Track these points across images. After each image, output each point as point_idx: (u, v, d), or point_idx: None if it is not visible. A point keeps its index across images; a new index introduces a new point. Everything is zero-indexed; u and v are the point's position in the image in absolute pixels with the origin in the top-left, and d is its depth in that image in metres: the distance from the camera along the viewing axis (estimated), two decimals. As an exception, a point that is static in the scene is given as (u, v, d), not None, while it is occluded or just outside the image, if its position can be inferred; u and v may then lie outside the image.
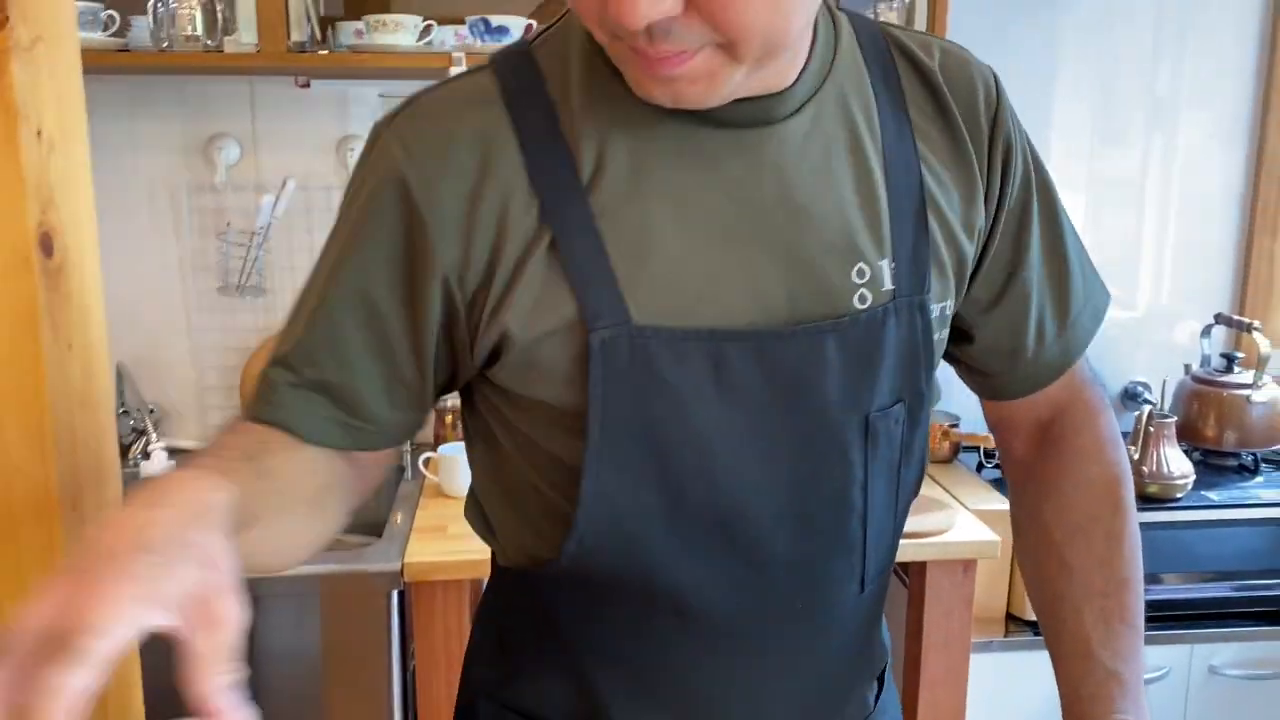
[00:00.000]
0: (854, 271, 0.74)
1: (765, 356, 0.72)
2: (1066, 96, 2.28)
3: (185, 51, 1.81)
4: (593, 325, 0.70)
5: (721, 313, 0.71)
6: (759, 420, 0.73)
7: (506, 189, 0.70)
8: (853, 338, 0.74)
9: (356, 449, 0.76)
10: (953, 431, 2.12)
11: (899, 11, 1.95)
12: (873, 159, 0.75)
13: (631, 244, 0.70)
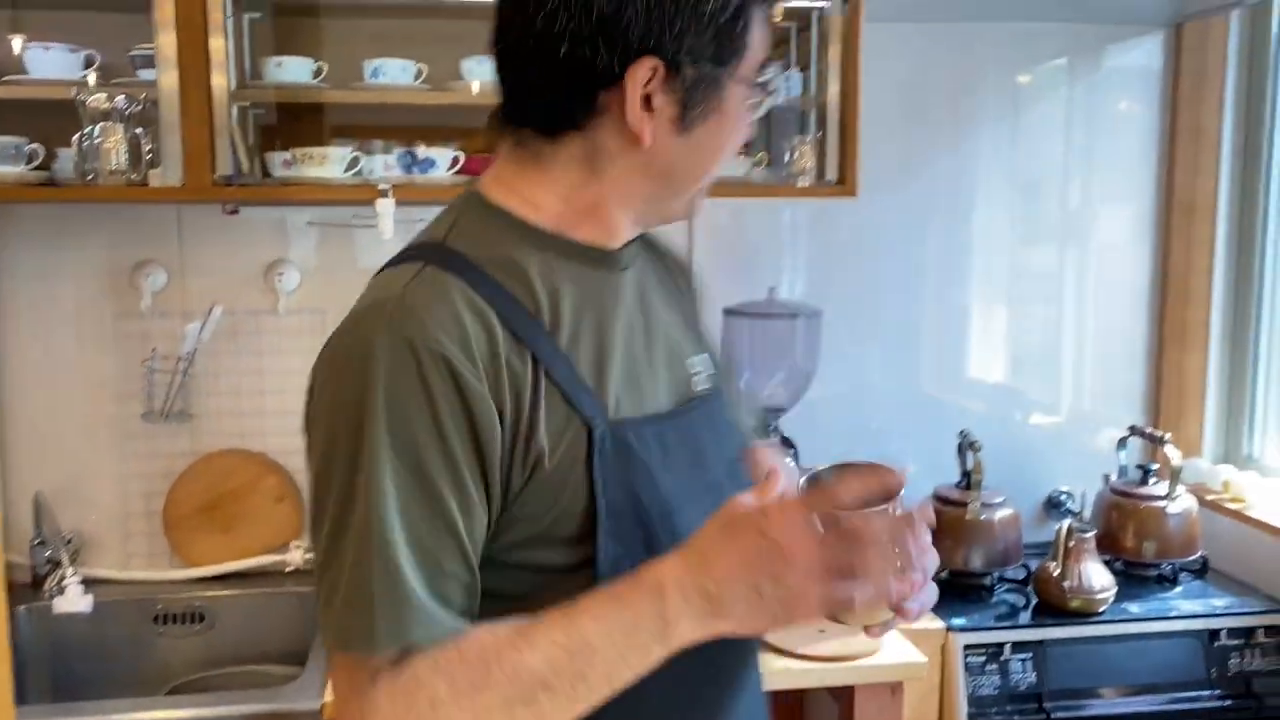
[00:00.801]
0: (691, 364, 1.01)
1: (681, 430, 0.95)
2: (983, 221, 2.37)
3: (110, 185, 1.81)
4: (592, 425, 0.87)
5: (654, 403, 0.94)
6: (692, 478, 0.94)
7: (505, 345, 0.84)
8: (711, 410, 1.01)
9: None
10: (881, 547, 2.13)
11: (812, 145, 2.02)
12: (663, 288, 1.03)
13: (592, 363, 0.90)
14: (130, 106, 1.83)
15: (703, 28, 0.84)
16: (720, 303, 2.11)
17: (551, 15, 0.83)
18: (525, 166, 0.91)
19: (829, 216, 2.30)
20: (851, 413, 2.36)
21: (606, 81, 0.85)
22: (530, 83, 0.87)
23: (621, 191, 0.90)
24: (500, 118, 0.92)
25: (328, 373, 0.83)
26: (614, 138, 0.87)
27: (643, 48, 0.83)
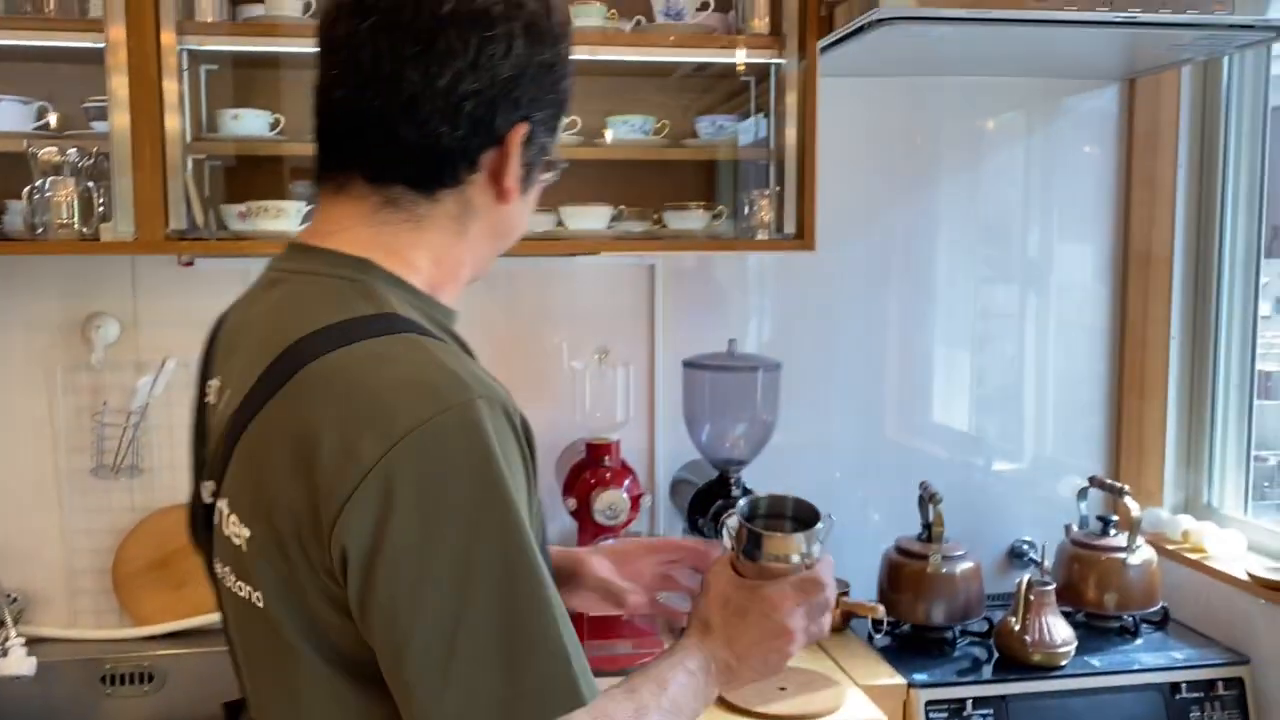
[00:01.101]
0: None
1: None
2: (945, 269, 2.39)
3: (60, 239, 1.78)
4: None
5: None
6: None
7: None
8: None
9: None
10: (843, 599, 2.11)
11: (771, 198, 2.03)
12: None
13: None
14: (82, 159, 1.81)
15: (554, 103, 0.95)
16: (681, 354, 2.11)
17: (458, 76, 0.88)
18: (399, 226, 0.92)
19: (791, 267, 2.31)
20: (815, 463, 2.36)
21: (493, 141, 0.91)
22: (428, 140, 0.89)
23: (474, 252, 0.96)
24: (361, 171, 0.92)
25: (459, 447, 0.79)
26: (482, 195, 0.93)
27: (523, 112, 0.92)
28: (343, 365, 0.83)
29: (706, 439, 2.06)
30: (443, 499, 0.78)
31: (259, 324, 0.93)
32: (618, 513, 1.96)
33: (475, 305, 2.19)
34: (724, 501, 1.99)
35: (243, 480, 0.87)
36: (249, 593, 0.87)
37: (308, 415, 0.82)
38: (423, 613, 0.77)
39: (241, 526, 0.86)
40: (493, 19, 0.89)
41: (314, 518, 0.80)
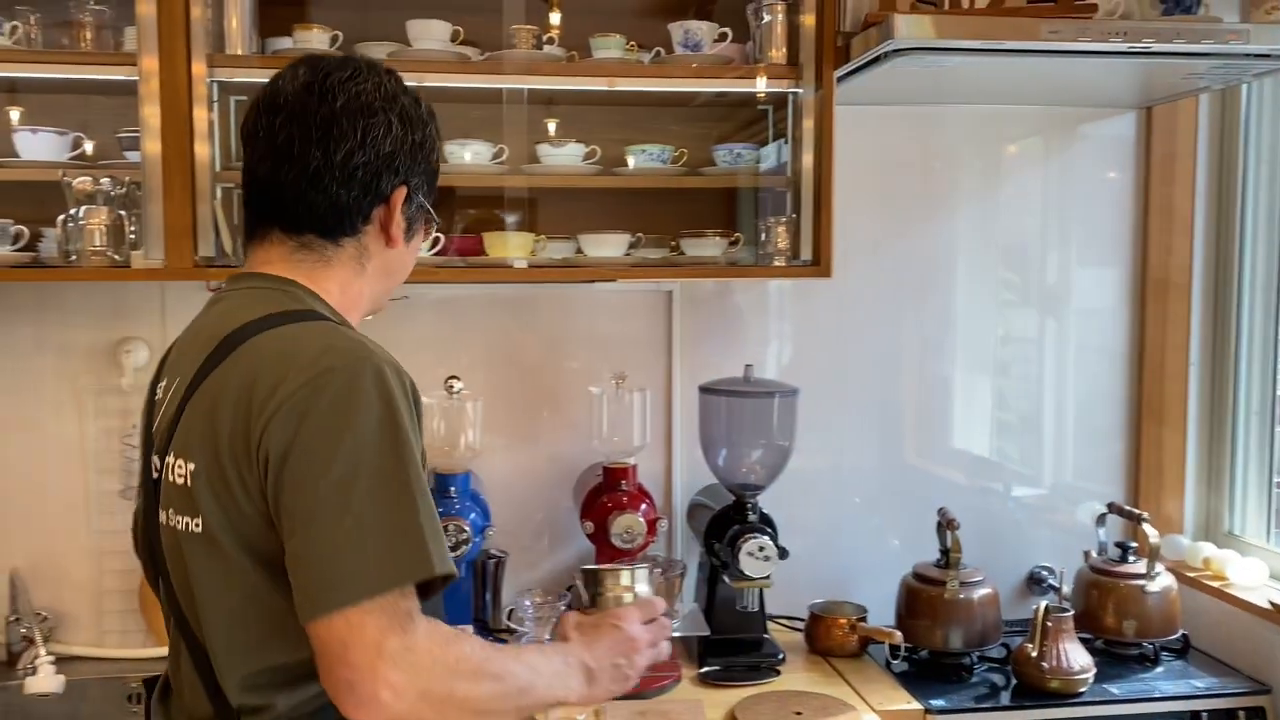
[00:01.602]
0: None
1: None
2: (963, 295, 2.40)
3: (91, 266, 1.83)
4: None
5: None
6: None
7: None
8: None
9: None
10: (860, 625, 2.12)
11: (788, 225, 2.05)
12: None
13: None
14: (115, 188, 1.86)
15: (427, 171, 1.25)
16: (699, 380, 2.13)
17: (351, 152, 1.16)
18: (313, 264, 1.19)
19: (808, 293, 2.33)
20: (832, 488, 2.37)
21: (380, 200, 1.20)
22: (330, 201, 1.16)
23: (371, 286, 1.24)
24: (281, 225, 1.19)
25: (347, 379, 1.04)
26: (374, 241, 1.22)
27: (402, 178, 1.20)
28: (274, 335, 1.10)
29: (723, 464, 2.07)
30: (348, 411, 1.03)
31: (205, 329, 1.18)
32: (634, 536, 1.98)
33: (494, 331, 2.25)
34: (740, 526, 2.00)
35: (189, 430, 1.10)
36: (187, 523, 1.09)
37: (245, 370, 1.08)
38: (324, 486, 1.01)
39: (187, 464, 1.09)
40: (374, 109, 1.17)
41: (245, 440, 1.04)
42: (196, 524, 1.09)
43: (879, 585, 2.23)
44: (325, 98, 1.15)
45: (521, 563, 2.28)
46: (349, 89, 1.16)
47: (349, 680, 0.98)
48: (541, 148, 2.08)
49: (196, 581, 1.10)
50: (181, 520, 1.11)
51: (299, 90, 1.16)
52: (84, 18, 1.91)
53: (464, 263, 2.02)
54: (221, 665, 1.10)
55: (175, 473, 1.11)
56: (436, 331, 2.23)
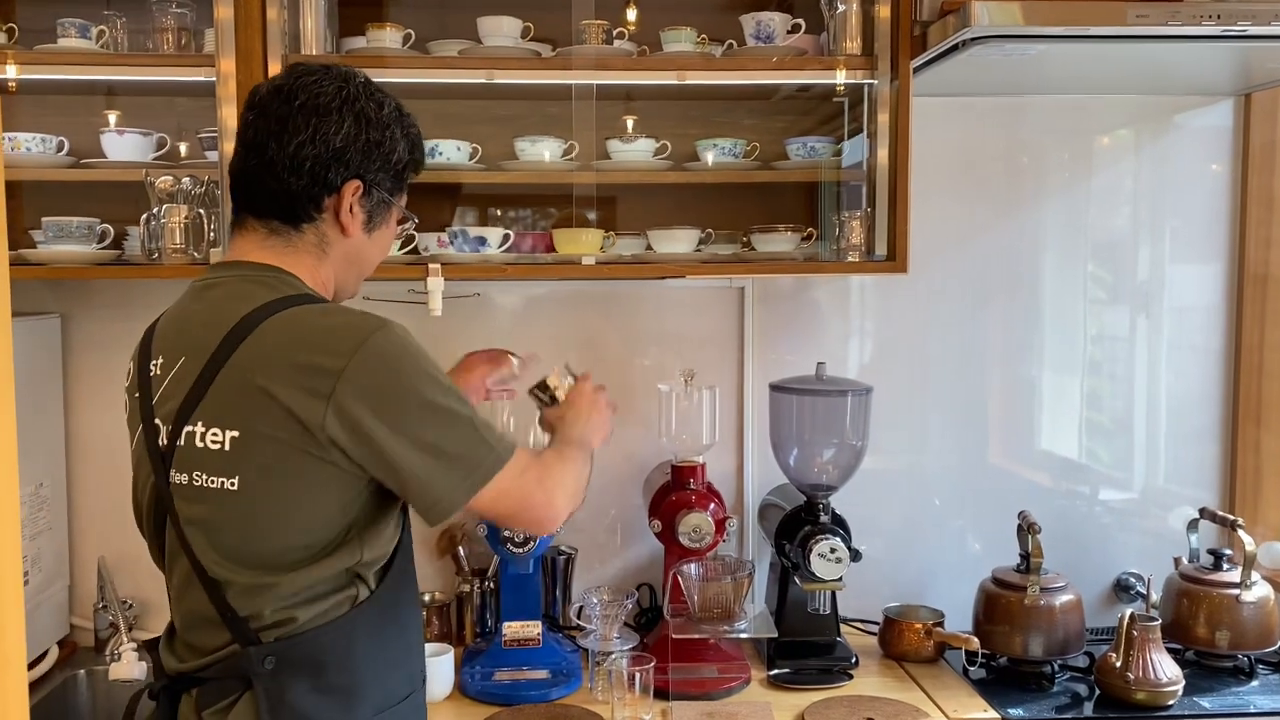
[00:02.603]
0: None
1: None
2: (1051, 292, 2.33)
3: (172, 263, 1.89)
4: None
5: None
6: None
7: None
8: None
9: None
10: (936, 630, 2.08)
11: (862, 219, 2.02)
12: None
13: None
14: (195, 187, 1.92)
15: (387, 169, 1.36)
16: (772, 377, 2.11)
17: (302, 145, 1.29)
18: (282, 250, 1.33)
19: (886, 289, 2.30)
20: (910, 489, 2.33)
21: (330, 191, 1.32)
22: (283, 188, 1.30)
23: (338, 273, 1.37)
24: (250, 212, 1.34)
25: (389, 349, 1.23)
26: (332, 229, 1.34)
27: (354, 173, 1.32)
28: (291, 317, 1.25)
29: (794, 463, 2.05)
30: (390, 383, 1.23)
31: (207, 312, 1.30)
32: (702, 536, 1.97)
33: (565, 328, 2.26)
34: (812, 527, 1.98)
35: (222, 404, 1.24)
36: (222, 482, 1.24)
37: (278, 354, 1.22)
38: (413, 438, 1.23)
39: (225, 431, 1.24)
40: (328, 109, 1.30)
41: (305, 412, 1.20)
42: (232, 483, 1.24)
43: (957, 590, 2.19)
44: (288, 98, 1.31)
45: (593, 559, 2.29)
46: (310, 90, 1.31)
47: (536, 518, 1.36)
48: (612, 143, 2.09)
49: (221, 529, 1.25)
50: (215, 481, 1.25)
51: (270, 92, 1.33)
52: (167, 22, 1.97)
53: (533, 259, 2.04)
54: (242, 597, 1.25)
55: (207, 440, 1.25)
56: (506, 329, 2.26)
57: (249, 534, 1.24)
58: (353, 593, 1.28)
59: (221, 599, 1.26)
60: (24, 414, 1.99)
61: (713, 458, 2.13)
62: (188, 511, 1.28)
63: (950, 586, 2.26)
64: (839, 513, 2.04)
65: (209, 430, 1.25)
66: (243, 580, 1.25)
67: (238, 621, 1.25)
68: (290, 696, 1.25)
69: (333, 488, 1.25)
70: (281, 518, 1.24)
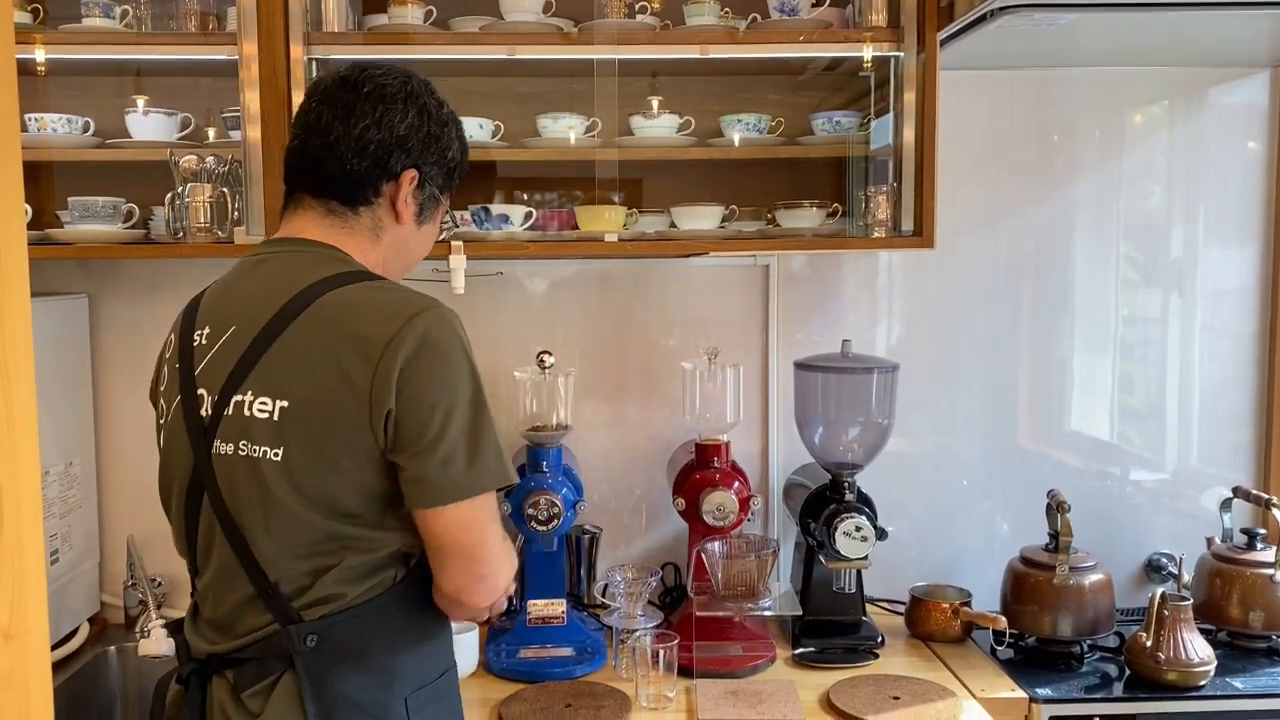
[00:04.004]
0: None
1: None
2: (1082, 270, 2.31)
3: (197, 243, 1.91)
4: None
5: None
6: None
7: None
8: None
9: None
10: (963, 610, 2.07)
11: (889, 195, 2.01)
12: None
13: None
14: (219, 166, 1.93)
15: (442, 164, 1.41)
16: (796, 356, 2.11)
17: (367, 129, 1.33)
18: (339, 230, 1.36)
19: (914, 266, 2.28)
20: (938, 469, 2.32)
21: (390, 177, 1.36)
22: (345, 169, 1.34)
23: (386, 258, 1.40)
24: (308, 191, 1.37)
25: (441, 327, 1.26)
26: (387, 215, 1.38)
27: (413, 162, 1.37)
28: (351, 294, 1.28)
29: (819, 442, 2.04)
30: (438, 357, 1.25)
31: (260, 285, 1.33)
32: (726, 514, 1.97)
33: (588, 306, 2.27)
34: (837, 505, 1.97)
35: (274, 374, 1.26)
36: (265, 452, 1.25)
37: (332, 326, 1.25)
38: (444, 425, 1.24)
39: (276, 401, 1.25)
40: (394, 98, 1.35)
41: (360, 384, 1.22)
42: (277, 453, 1.25)
43: (986, 571, 2.19)
44: (355, 87, 1.35)
45: (619, 539, 2.30)
46: (376, 81, 1.35)
47: (480, 575, 1.30)
48: (635, 120, 2.08)
49: (264, 503, 1.26)
50: (260, 450, 1.26)
51: (336, 81, 1.37)
52: (190, 2, 1.98)
53: (556, 237, 2.04)
54: (287, 573, 1.26)
55: (255, 409, 1.26)
56: (530, 307, 2.26)
57: (289, 506, 1.25)
58: (392, 573, 1.30)
59: (263, 576, 1.27)
60: (53, 393, 2.04)
61: (737, 436, 2.13)
62: (231, 485, 1.28)
63: (978, 568, 2.25)
64: (864, 491, 2.03)
65: (258, 399, 1.26)
66: (285, 555, 1.26)
67: (279, 599, 1.26)
68: (332, 676, 1.26)
69: (374, 458, 1.25)
70: (323, 489, 1.25)
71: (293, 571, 1.26)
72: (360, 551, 1.27)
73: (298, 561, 1.26)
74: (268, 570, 1.26)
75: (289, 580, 1.27)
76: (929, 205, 1.95)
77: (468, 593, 1.30)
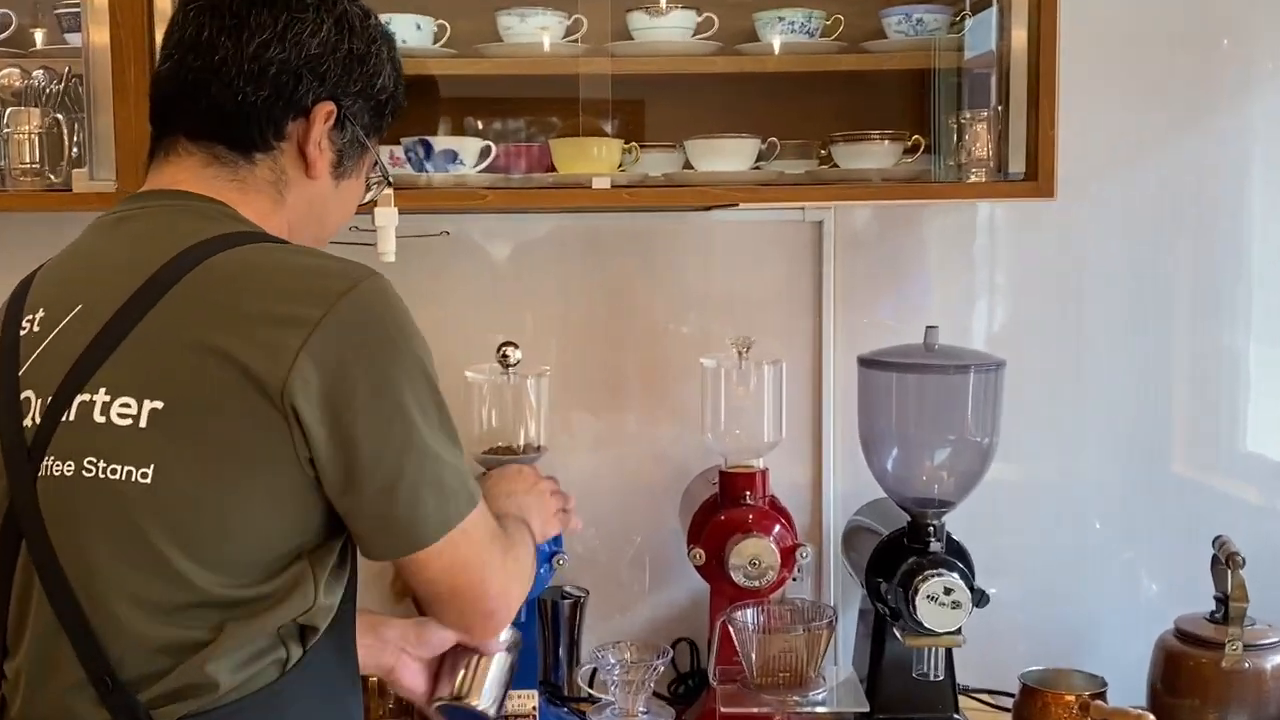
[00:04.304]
0: None
1: None
2: (1260, 232, 2.30)
3: (21, 191, 1.90)
4: None
5: None
6: None
7: None
8: None
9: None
10: (1096, 705, 2.06)
11: (990, 124, 1.99)
12: None
13: None
14: (51, 84, 1.92)
15: (369, 97, 1.41)
16: (859, 348, 2.09)
17: (266, 44, 1.32)
18: (226, 184, 1.36)
19: (1022, 222, 2.29)
20: (1058, 507, 2.33)
21: (298, 112, 1.35)
22: (237, 101, 1.32)
23: (295, 223, 1.40)
24: (184, 132, 1.36)
25: (385, 306, 1.27)
26: (293, 166, 1.38)
27: (329, 92, 1.36)
28: (253, 256, 1.28)
29: (894, 469, 2.04)
30: (386, 348, 1.26)
31: (121, 249, 1.33)
32: (763, 570, 1.96)
33: (568, 280, 2.26)
34: (918, 559, 1.95)
35: (142, 363, 1.24)
36: (127, 472, 1.22)
37: (228, 297, 1.24)
38: (406, 439, 1.26)
39: (141, 404, 1.22)
40: (303, 5, 1.34)
41: (255, 378, 1.20)
42: (144, 474, 1.21)
43: (1127, 649, 2.20)
44: None
45: (612, 605, 2.31)
46: None
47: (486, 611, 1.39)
48: (634, 18, 2.08)
49: (114, 544, 1.22)
50: (117, 469, 1.22)
51: None
52: None
53: (524, 183, 2.03)
54: (136, 650, 1.22)
55: (112, 413, 1.23)
56: (486, 281, 2.27)
57: (159, 551, 1.21)
58: (283, 654, 1.27)
59: (99, 655, 1.23)
60: None
61: (778, 461, 2.13)
62: (65, 519, 1.24)
63: (1116, 646, 2.26)
64: (956, 539, 2.04)
65: (116, 400, 1.23)
66: (142, 624, 1.22)
67: (120, 691, 1.22)
68: None
69: (286, 486, 1.23)
70: (210, 529, 1.22)
71: (144, 649, 1.22)
72: (246, 621, 1.23)
73: (153, 634, 1.22)
74: (107, 645, 1.22)
75: (137, 662, 1.22)
76: (1047, 139, 1.94)
77: (475, 631, 1.46)
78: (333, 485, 1.24)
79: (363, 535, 1.29)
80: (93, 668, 1.22)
